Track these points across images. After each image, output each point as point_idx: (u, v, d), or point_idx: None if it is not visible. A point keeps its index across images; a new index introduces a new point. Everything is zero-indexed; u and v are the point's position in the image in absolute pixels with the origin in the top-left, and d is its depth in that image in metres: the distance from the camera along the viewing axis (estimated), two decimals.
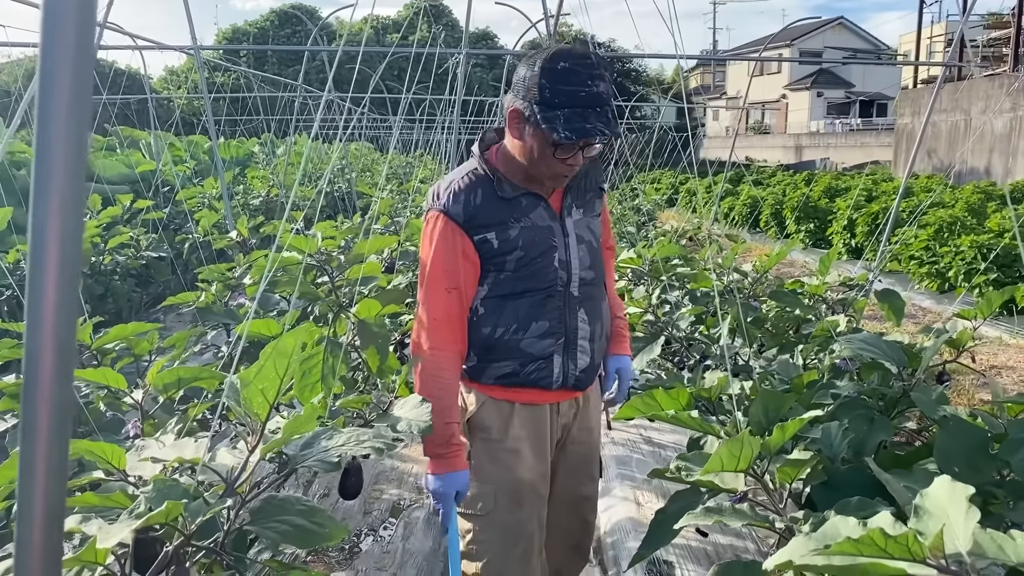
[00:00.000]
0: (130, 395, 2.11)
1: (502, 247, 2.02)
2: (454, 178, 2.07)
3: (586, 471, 2.30)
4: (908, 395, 2.15)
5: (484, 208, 2.01)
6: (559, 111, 1.87)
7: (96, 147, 10.45)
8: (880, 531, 0.88)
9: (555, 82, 1.87)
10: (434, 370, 2.01)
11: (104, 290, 5.90)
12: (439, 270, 2.01)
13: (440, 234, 2.01)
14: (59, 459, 0.86)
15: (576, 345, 2.11)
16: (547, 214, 2.07)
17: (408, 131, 19.87)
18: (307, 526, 1.45)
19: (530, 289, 2.05)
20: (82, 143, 0.83)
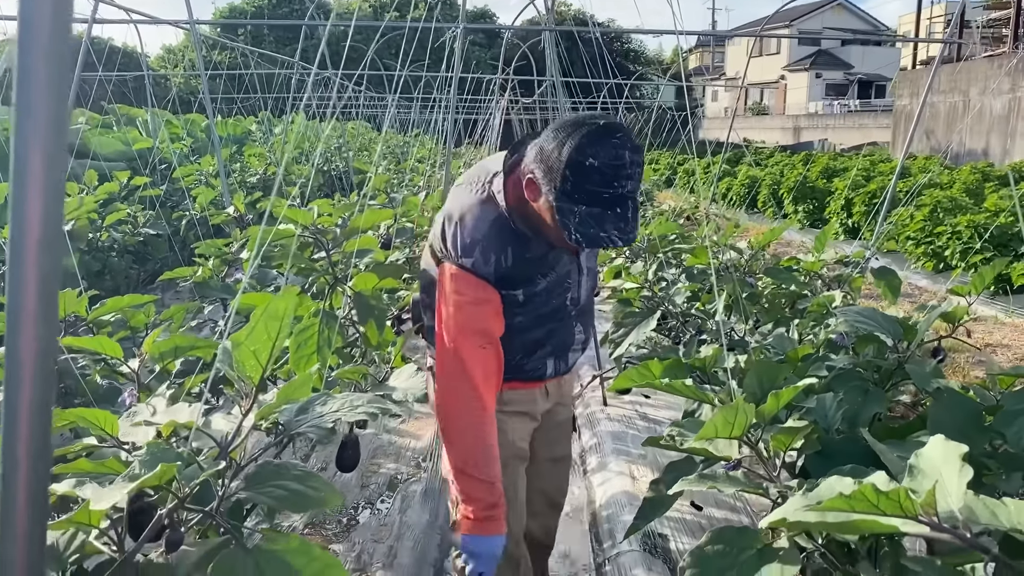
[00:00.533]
0: (126, 364, 2.11)
1: (526, 301, 1.97)
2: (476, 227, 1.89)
3: (565, 432, 2.43)
4: (903, 367, 2.16)
5: (514, 269, 1.89)
6: (576, 207, 1.70)
7: (92, 124, 10.38)
8: (872, 487, 0.88)
9: (579, 177, 1.69)
10: (480, 427, 1.89)
11: (101, 266, 5.88)
12: (475, 330, 1.88)
13: (472, 292, 1.87)
14: (42, 430, 0.86)
15: (568, 350, 2.17)
16: (567, 259, 2.03)
17: (406, 110, 19.77)
18: (303, 491, 1.45)
19: (539, 325, 2.04)
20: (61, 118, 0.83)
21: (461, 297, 1.87)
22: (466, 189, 1.97)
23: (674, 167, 17.50)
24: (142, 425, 1.42)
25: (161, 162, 8.93)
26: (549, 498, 2.44)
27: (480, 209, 1.89)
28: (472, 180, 1.99)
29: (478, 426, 1.88)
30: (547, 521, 2.48)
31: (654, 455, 3.92)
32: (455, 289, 1.87)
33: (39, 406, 0.84)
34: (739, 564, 1.35)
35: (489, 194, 1.91)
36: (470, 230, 1.87)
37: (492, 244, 1.86)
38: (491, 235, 1.86)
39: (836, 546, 1.61)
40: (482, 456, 1.87)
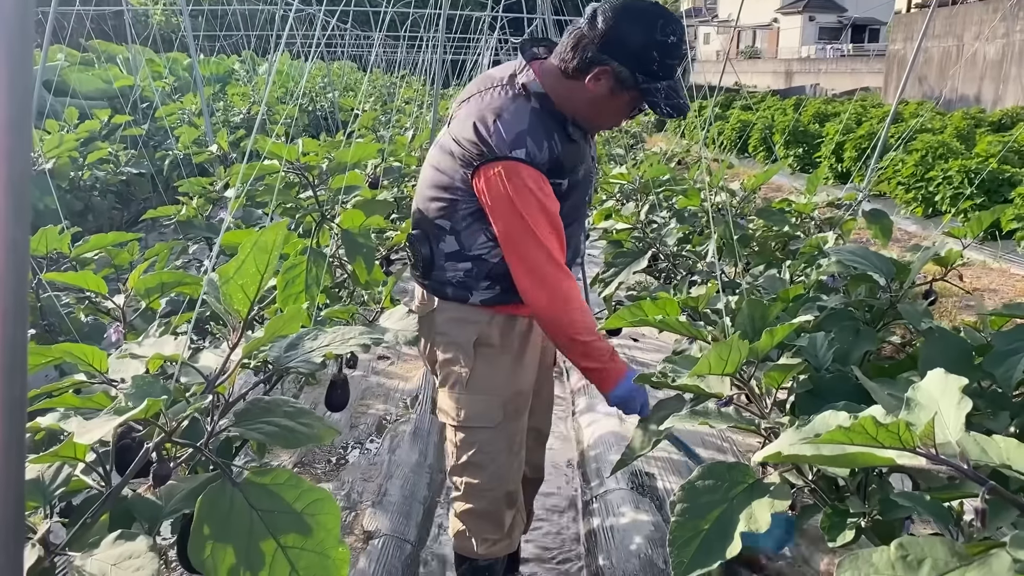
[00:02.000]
0: (110, 300, 2.07)
1: (568, 190, 1.99)
2: (521, 118, 1.89)
3: (552, 370, 2.51)
4: (895, 307, 2.15)
5: (564, 154, 1.93)
6: (660, 83, 1.86)
7: (71, 61, 10.15)
8: (872, 419, 0.87)
9: (665, 56, 1.84)
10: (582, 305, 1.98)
11: (84, 206, 5.79)
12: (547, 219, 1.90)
13: (535, 185, 1.87)
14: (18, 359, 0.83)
15: (574, 261, 2.18)
16: (590, 151, 2.08)
17: (392, 50, 19.40)
18: (294, 427, 1.44)
19: (569, 224, 2.04)
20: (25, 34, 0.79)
21: (525, 192, 1.87)
22: (488, 94, 1.99)
23: None
24: (127, 358, 1.39)
25: (143, 101, 8.76)
26: (538, 434, 2.47)
27: (515, 104, 1.92)
28: (486, 87, 2.00)
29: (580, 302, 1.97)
30: (536, 458, 2.51)
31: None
32: (515, 185, 1.87)
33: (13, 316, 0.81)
34: (730, 499, 1.35)
35: (518, 90, 1.94)
36: (514, 122, 1.89)
37: (540, 132, 1.88)
38: (536, 124, 1.89)
39: (826, 482, 1.62)
40: (590, 320, 1.98)
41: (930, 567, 0.84)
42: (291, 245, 2.63)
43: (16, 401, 0.81)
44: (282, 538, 1.14)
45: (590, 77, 1.86)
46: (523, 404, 2.20)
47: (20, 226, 0.78)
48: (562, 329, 1.97)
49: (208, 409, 1.39)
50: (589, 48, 1.85)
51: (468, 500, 2.18)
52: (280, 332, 1.42)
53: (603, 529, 2.85)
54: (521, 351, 2.16)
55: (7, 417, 0.81)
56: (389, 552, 2.66)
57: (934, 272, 2.91)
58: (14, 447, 0.82)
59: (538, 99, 1.92)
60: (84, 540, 1.19)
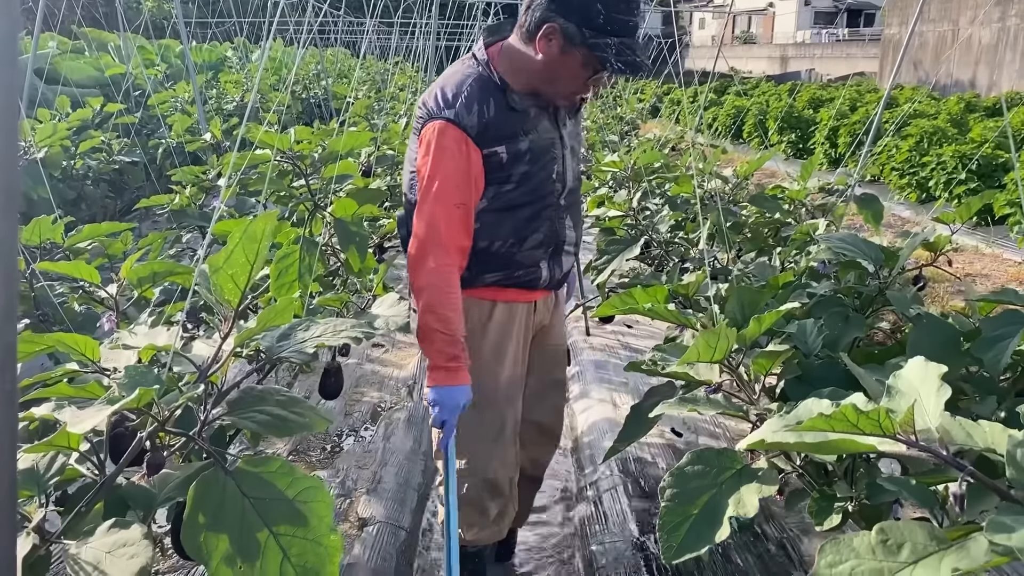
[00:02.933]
0: (103, 290, 2.08)
1: (510, 161, 1.97)
2: (459, 83, 1.95)
3: (558, 360, 2.42)
4: (883, 294, 2.16)
5: (497, 119, 1.93)
6: (610, 39, 1.82)
7: (63, 49, 10.08)
8: (852, 406, 0.88)
9: (610, 8, 1.80)
10: (443, 286, 1.94)
11: (77, 195, 5.77)
12: (449, 185, 1.91)
13: (451, 146, 1.90)
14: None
15: (562, 251, 2.16)
16: (550, 125, 2.05)
17: (386, 37, 19.32)
18: (286, 415, 1.45)
19: (529, 203, 2.04)
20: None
21: (441, 151, 1.91)
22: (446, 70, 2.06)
23: (660, 96, 17.30)
24: (120, 348, 1.40)
25: (135, 88, 8.72)
26: (543, 429, 2.42)
27: (461, 71, 1.99)
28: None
29: (443, 282, 1.93)
30: (538, 454, 2.46)
31: (636, 383, 3.96)
32: (436, 143, 1.91)
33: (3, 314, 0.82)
34: (718, 484, 1.37)
35: (469, 61, 2.00)
36: (452, 87, 1.94)
37: (474, 95, 1.91)
38: (473, 88, 1.92)
39: (813, 467, 1.64)
40: (444, 310, 1.93)
41: (909, 551, 0.86)
42: (284, 234, 2.63)
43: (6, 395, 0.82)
44: (274, 526, 1.15)
45: (540, 36, 1.87)
46: (505, 393, 2.18)
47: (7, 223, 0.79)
48: (422, 301, 1.95)
49: (201, 398, 1.40)
50: (538, 9, 1.87)
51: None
52: (272, 323, 1.43)
53: (597, 515, 2.87)
54: (500, 340, 2.14)
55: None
56: (384, 538, 2.68)
57: (924, 258, 2.92)
58: (6, 439, 0.83)
59: (483, 66, 1.96)
60: (79, 528, 1.20)
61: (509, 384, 2.20)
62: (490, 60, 1.97)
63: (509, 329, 2.16)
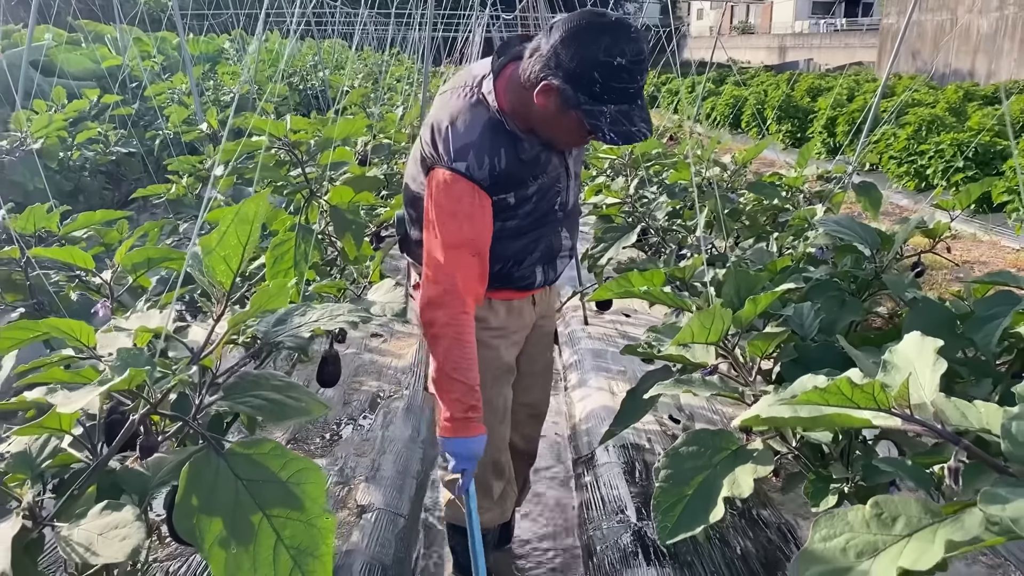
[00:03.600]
0: (99, 276, 2.07)
1: (518, 203, 1.96)
2: (469, 129, 1.87)
3: (548, 344, 2.45)
4: (880, 278, 2.16)
5: (508, 171, 1.88)
6: (606, 107, 1.73)
7: (59, 41, 10.04)
8: (847, 380, 0.88)
9: (609, 78, 1.71)
10: (459, 336, 1.89)
11: (74, 186, 5.76)
12: (464, 236, 1.87)
13: (463, 198, 1.86)
14: None
15: (557, 257, 2.17)
16: (557, 161, 2.01)
17: (383, 28, 19.26)
18: (283, 400, 1.44)
19: (531, 230, 2.04)
20: None
21: (455, 204, 1.86)
22: (454, 94, 1.95)
23: (658, 86, 17.27)
24: (113, 331, 1.39)
25: (131, 80, 8.69)
26: (532, 409, 2.47)
27: (471, 113, 1.88)
28: (459, 85, 1.96)
29: (460, 332, 1.89)
30: (529, 431, 2.51)
31: (633, 371, 3.96)
32: (448, 195, 1.86)
33: None
34: (713, 464, 1.37)
35: (479, 97, 1.89)
36: (463, 134, 1.86)
37: (485, 147, 1.85)
38: (484, 138, 1.85)
39: (810, 449, 1.64)
40: (462, 361, 1.89)
41: (904, 524, 0.86)
42: (280, 222, 2.62)
43: None
44: (268, 508, 1.15)
45: (538, 91, 1.78)
46: (504, 377, 2.21)
47: None
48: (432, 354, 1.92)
49: (195, 382, 1.40)
50: (539, 61, 1.78)
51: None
52: (266, 306, 1.43)
53: (594, 500, 2.87)
54: (499, 327, 2.16)
55: None
56: (382, 526, 2.68)
57: (923, 245, 2.92)
58: None
59: (495, 112, 1.88)
60: (71, 511, 1.20)
61: (506, 370, 2.23)
62: (497, 97, 1.88)
63: (508, 318, 2.19)
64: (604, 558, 2.53)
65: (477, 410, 1.92)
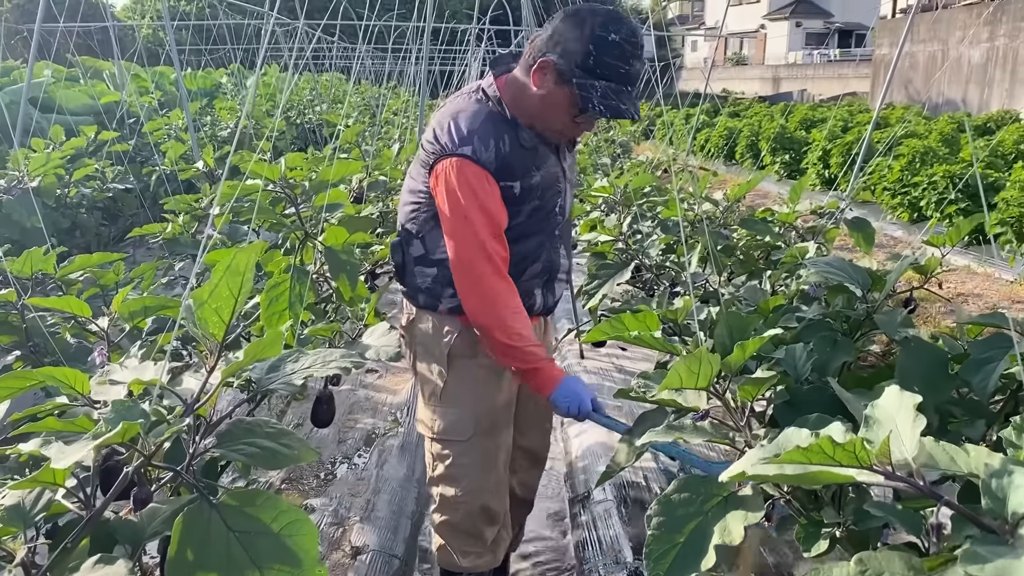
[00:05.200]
0: (95, 323, 2.08)
1: (523, 196, 2.00)
2: (473, 118, 1.95)
3: None
4: (872, 318, 2.18)
5: (512, 155, 1.95)
6: (597, 82, 1.85)
7: (58, 77, 10.13)
8: (828, 439, 0.89)
9: (602, 52, 1.83)
10: (515, 307, 1.99)
11: (70, 223, 5.78)
12: (482, 220, 1.92)
13: (474, 181, 1.91)
14: None
15: (555, 279, 2.20)
16: (555, 160, 2.08)
17: (380, 61, 19.45)
18: (275, 447, 1.45)
19: (534, 234, 2.07)
20: None
21: (465, 186, 1.91)
22: (456, 97, 2.07)
23: (652, 119, 17.42)
24: (107, 384, 1.40)
25: (129, 116, 8.76)
26: (532, 455, 2.44)
27: (474, 106, 1.99)
28: (460, 93, 2.10)
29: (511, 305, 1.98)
30: (528, 479, 2.48)
31: (630, 407, 3.96)
32: (459, 177, 1.92)
33: None
34: (704, 511, 1.37)
35: (480, 93, 2.01)
36: (466, 122, 1.95)
37: (489, 131, 1.93)
38: (487, 125, 1.94)
39: (802, 493, 1.64)
40: (523, 324, 1.98)
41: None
42: (275, 263, 2.64)
43: None
44: (260, 561, 1.15)
45: (536, 69, 1.89)
46: (500, 419, 2.19)
47: None
48: (490, 330, 1.98)
49: (188, 431, 1.40)
50: (538, 42, 1.92)
51: (443, 512, 2.21)
52: (260, 356, 1.44)
53: (591, 540, 2.86)
54: (494, 365, 2.14)
55: None
56: (377, 567, 2.67)
57: (915, 280, 2.94)
58: None
59: (495, 102, 1.98)
60: (64, 564, 1.20)
61: (503, 410, 2.21)
62: (499, 89, 2.00)
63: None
64: None
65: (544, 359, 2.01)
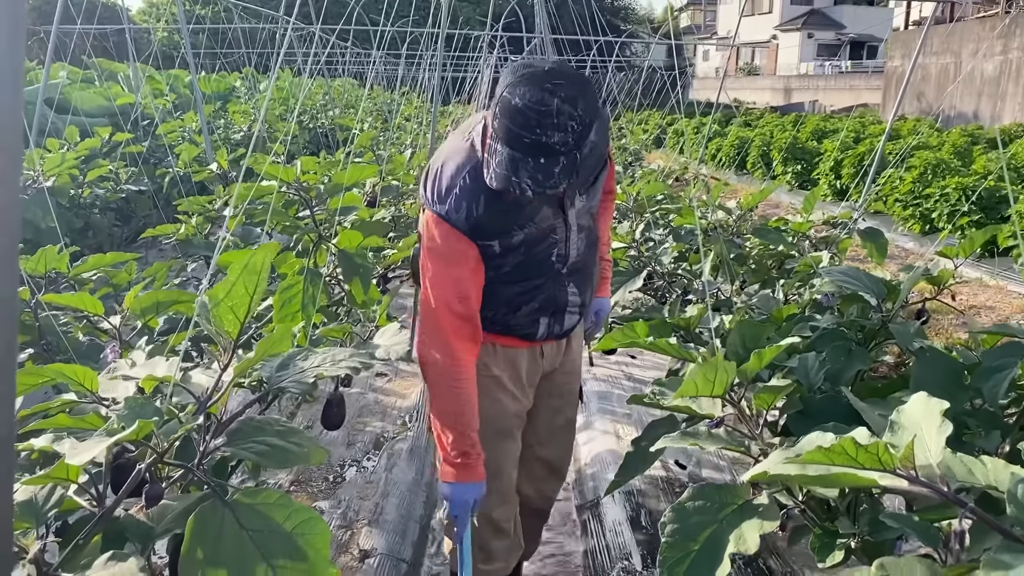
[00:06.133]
0: (107, 320, 2.09)
1: (504, 252, 1.92)
2: (455, 173, 1.86)
3: (569, 399, 2.33)
4: (886, 327, 2.16)
5: (487, 218, 1.84)
6: (500, 147, 1.69)
7: (73, 79, 10.21)
8: (852, 440, 0.88)
9: (504, 116, 1.67)
10: (451, 381, 1.90)
11: (84, 223, 5.81)
12: (448, 282, 1.87)
13: (445, 243, 1.86)
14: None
15: (564, 312, 2.10)
16: (551, 212, 1.95)
17: (393, 67, 19.52)
18: (285, 446, 1.45)
19: (523, 280, 1.99)
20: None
21: (436, 245, 1.86)
22: (456, 135, 1.96)
23: (663, 127, 17.42)
24: (120, 380, 1.40)
25: (143, 118, 8.80)
26: (550, 465, 2.38)
27: (460, 156, 1.87)
28: (465, 127, 1.97)
29: (453, 378, 1.90)
30: (546, 489, 2.42)
31: (639, 414, 3.94)
32: (431, 236, 1.87)
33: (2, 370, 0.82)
34: (719, 519, 1.36)
35: (471, 142, 1.88)
36: (447, 178, 1.86)
37: (465, 193, 1.83)
38: (466, 183, 1.83)
39: (816, 503, 1.63)
40: (454, 406, 1.90)
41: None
42: (288, 265, 2.64)
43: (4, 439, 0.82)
44: (272, 559, 1.15)
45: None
46: (506, 428, 2.14)
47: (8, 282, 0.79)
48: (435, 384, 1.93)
49: (201, 429, 1.40)
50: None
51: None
52: (271, 351, 1.44)
53: (600, 547, 2.85)
54: (499, 377, 2.10)
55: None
56: (384, 571, 2.66)
57: (928, 291, 2.92)
58: (4, 479, 0.83)
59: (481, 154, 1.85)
60: (77, 561, 1.19)
61: (511, 419, 2.17)
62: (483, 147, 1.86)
63: (510, 368, 2.13)
64: None
65: (470, 456, 1.91)
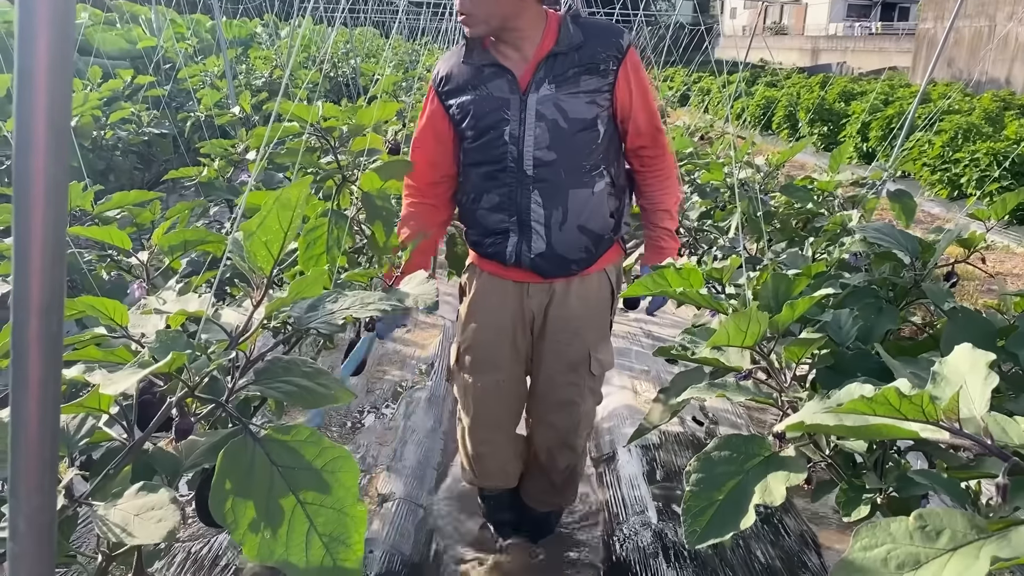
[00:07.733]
0: (135, 256, 2.09)
1: (458, 113, 2.15)
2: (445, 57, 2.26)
3: (565, 364, 2.31)
4: (919, 286, 2.13)
5: (454, 75, 2.16)
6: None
7: (95, 21, 10.13)
8: (895, 390, 0.86)
9: None
10: (405, 216, 2.37)
11: (106, 165, 5.80)
12: (416, 131, 2.31)
13: (427, 100, 2.27)
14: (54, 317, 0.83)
15: (530, 227, 2.15)
16: (507, 87, 2.10)
17: (415, 17, 19.27)
18: (312, 387, 1.45)
19: (483, 161, 2.16)
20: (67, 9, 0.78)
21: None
22: None
23: (689, 85, 17.15)
24: (152, 313, 1.40)
25: (165, 62, 8.75)
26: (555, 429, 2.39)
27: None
28: None
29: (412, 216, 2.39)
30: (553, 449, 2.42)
31: (657, 371, 3.94)
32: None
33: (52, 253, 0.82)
34: (745, 471, 1.35)
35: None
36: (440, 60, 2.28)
37: (441, 62, 2.23)
38: (445, 57, 2.25)
39: (842, 458, 1.61)
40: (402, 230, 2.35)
41: (948, 538, 0.84)
42: (312, 207, 2.62)
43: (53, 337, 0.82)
44: (301, 494, 1.15)
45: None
46: (478, 359, 2.30)
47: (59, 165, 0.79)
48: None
49: (230, 366, 1.40)
50: None
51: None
52: (303, 294, 1.43)
53: (616, 500, 2.86)
54: (476, 301, 2.31)
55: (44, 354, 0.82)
56: (402, 515, 2.69)
57: (956, 255, 2.87)
58: (50, 385, 0.83)
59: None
60: (107, 491, 1.20)
61: (482, 352, 2.30)
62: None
63: (488, 297, 2.29)
64: (625, 557, 2.52)
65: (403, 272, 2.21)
